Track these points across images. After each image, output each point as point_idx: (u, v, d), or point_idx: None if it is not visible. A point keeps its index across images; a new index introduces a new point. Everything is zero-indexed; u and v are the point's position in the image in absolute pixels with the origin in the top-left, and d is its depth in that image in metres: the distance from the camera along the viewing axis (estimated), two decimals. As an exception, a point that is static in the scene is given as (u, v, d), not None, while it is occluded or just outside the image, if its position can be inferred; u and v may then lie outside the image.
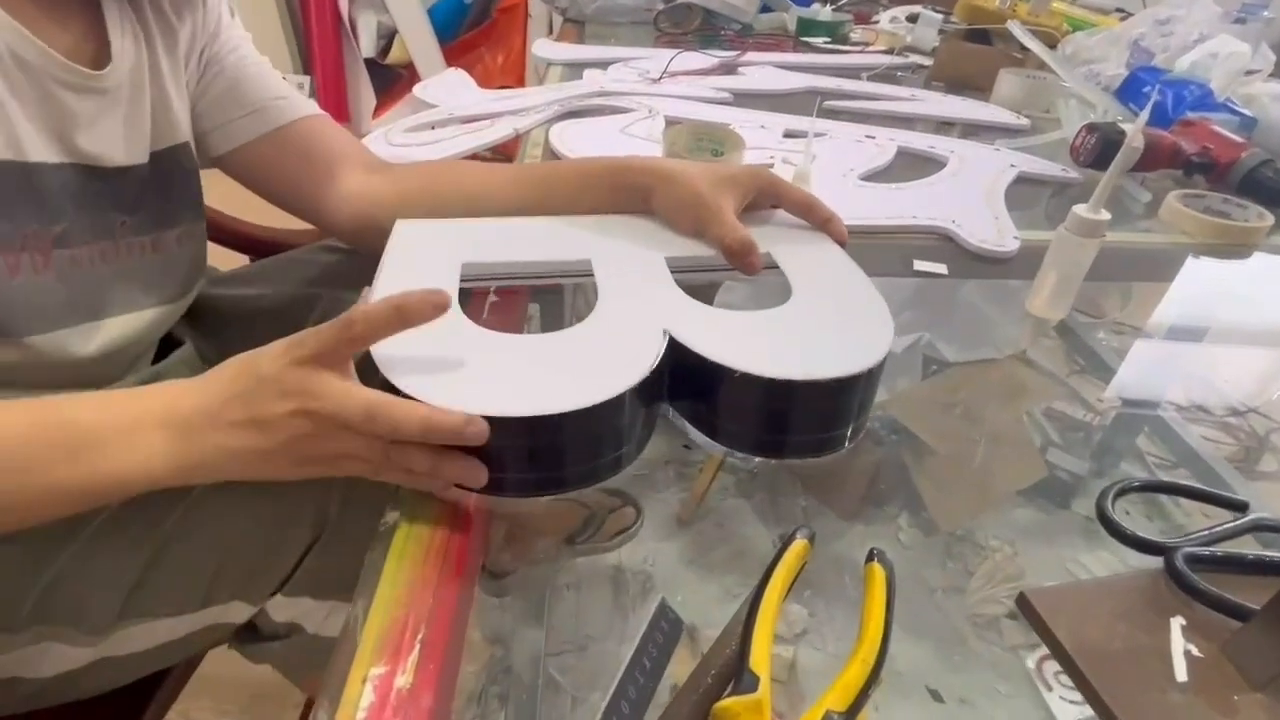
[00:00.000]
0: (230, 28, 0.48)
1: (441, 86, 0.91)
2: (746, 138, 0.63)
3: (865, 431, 0.42)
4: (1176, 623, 0.29)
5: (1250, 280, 0.65)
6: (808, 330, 0.34)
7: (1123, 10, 1.23)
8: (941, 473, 0.58)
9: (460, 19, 2.05)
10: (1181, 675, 0.27)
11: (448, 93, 0.88)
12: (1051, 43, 1.01)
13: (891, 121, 0.87)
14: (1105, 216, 0.48)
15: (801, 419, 0.32)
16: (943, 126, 0.89)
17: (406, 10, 1.98)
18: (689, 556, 0.53)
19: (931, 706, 0.43)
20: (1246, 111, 0.81)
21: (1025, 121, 0.90)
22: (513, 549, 0.50)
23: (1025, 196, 0.71)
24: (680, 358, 0.31)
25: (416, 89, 0.89)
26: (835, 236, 0.42)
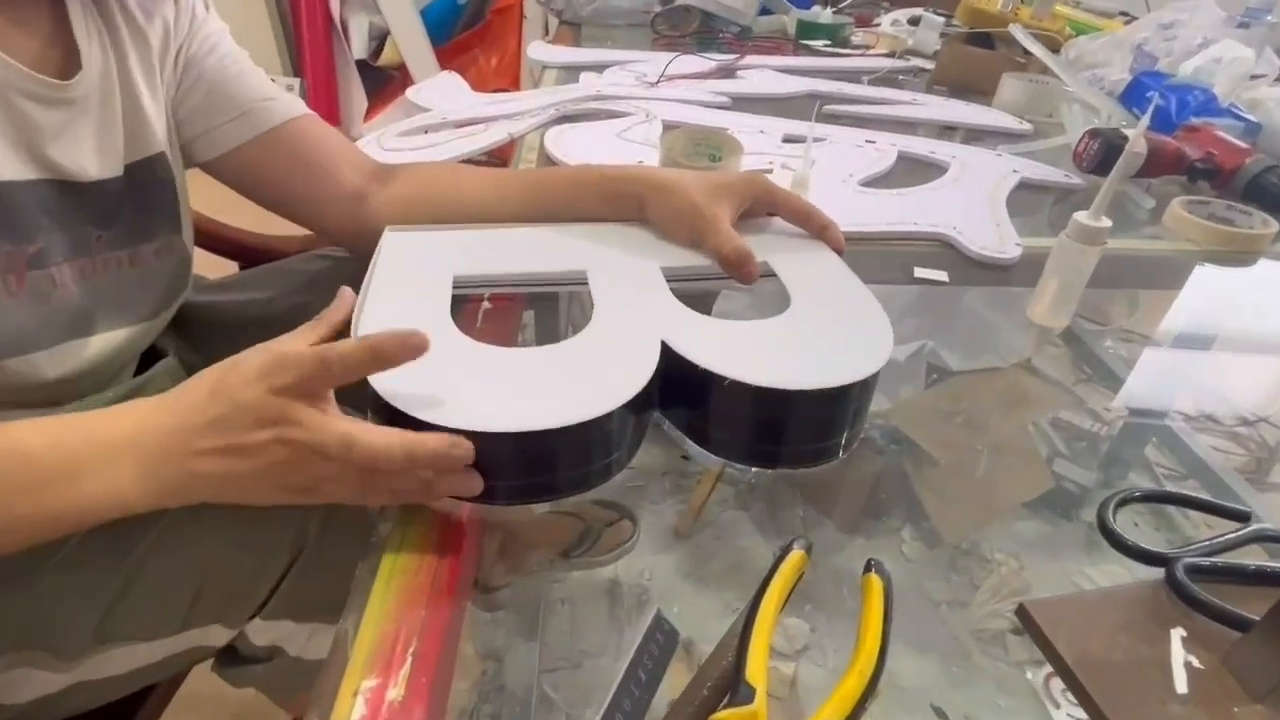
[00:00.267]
0: (206, 23, 0.47)
1: (434, 89, 0.92)
2: (745, 142, 0.64)
3: (862, 440, 0.42)
4: (1177, 634, 0.29)
5: (1257, 287, 0.66)
6: (805, 339, 0.34)
7: (1126, 14, 1.26)
8: (945, 484, 0.58)
9: (454, 20, 2.07)
10: (1182, 687, 0.28)
11: (441, 96, 0.89)
12: (1054, 47, 1.03)
13: (892, 126, 0.88)
14: (1106, 224, 0.49)
15: (795, 428, 0.32)
16: (944, 131, 0.90)
17: (399, 11, 2.00)
18: (686, 569, 0.54)
19: (935, 723, 0.43)
20: (1251, 117, 0.83)
21: (1028, 126, 0.91)
22: (506, 562, 0.50)
23: (1028, 203, 0.73)
24: (675, 366, 0.32)
25: (409, 92, 0.90)
26: (832, 244, 0.42)
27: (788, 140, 0.80)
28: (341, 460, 0.28)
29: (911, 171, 0.77)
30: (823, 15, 1.28)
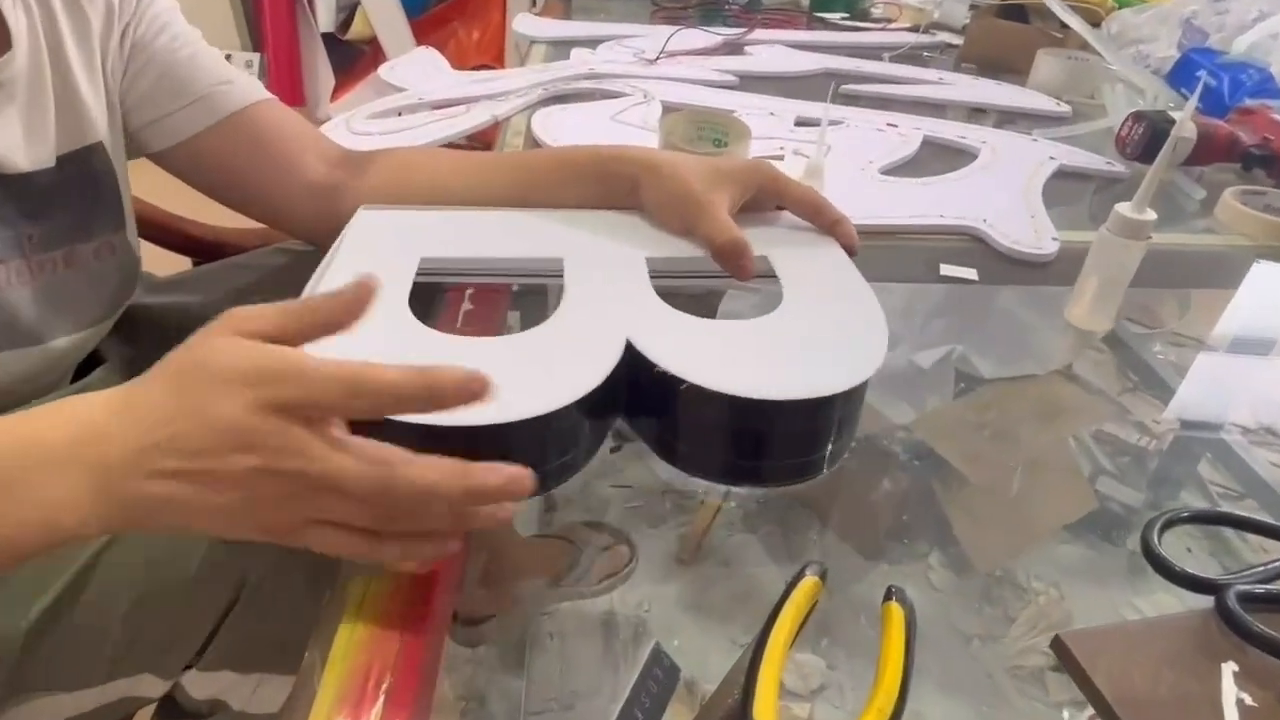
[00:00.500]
0: (154, 2, 0.47)
1: (410, 67, 0.93)
2: (753, 126, 0.65)
3: (884, 456, 0.42)
4: (1228, 668, 0.30)
5: (1319, 286, 0.67)
6: (787, 343, 0.34)
7: (1175, -16, 1.27)
8: (976, 505, 0.59)
9: (431, -10, 2.08)
10: (1235, 727, 0.28)
11: (417, 74, 0.90)
12: (1095, 20, 1.04)
13: (916, 108, 0.89)
14: (1151, 216, 0.50)
15: (763, 441, 0.32)
16: (974, 114, 0.91)
17: (370, -20, 2.01)
18: (688, 599, 0.54)
19: (965, 770, 0.43)
20: (1312, 98, 0.84)
21: (1066, 108, 0.92)
22: (489, 591, 0.50)
23: (1066, 192, 0.73)
24: (637, 367, 0.32)
25: (382, 70, 0.91)
26: (843, 241, 0.42)
27: (801, 123, 0.81)
28: (362, 500, 0.25)
29: (937, 158, 0.77)
30: (840, -15, 1.29)
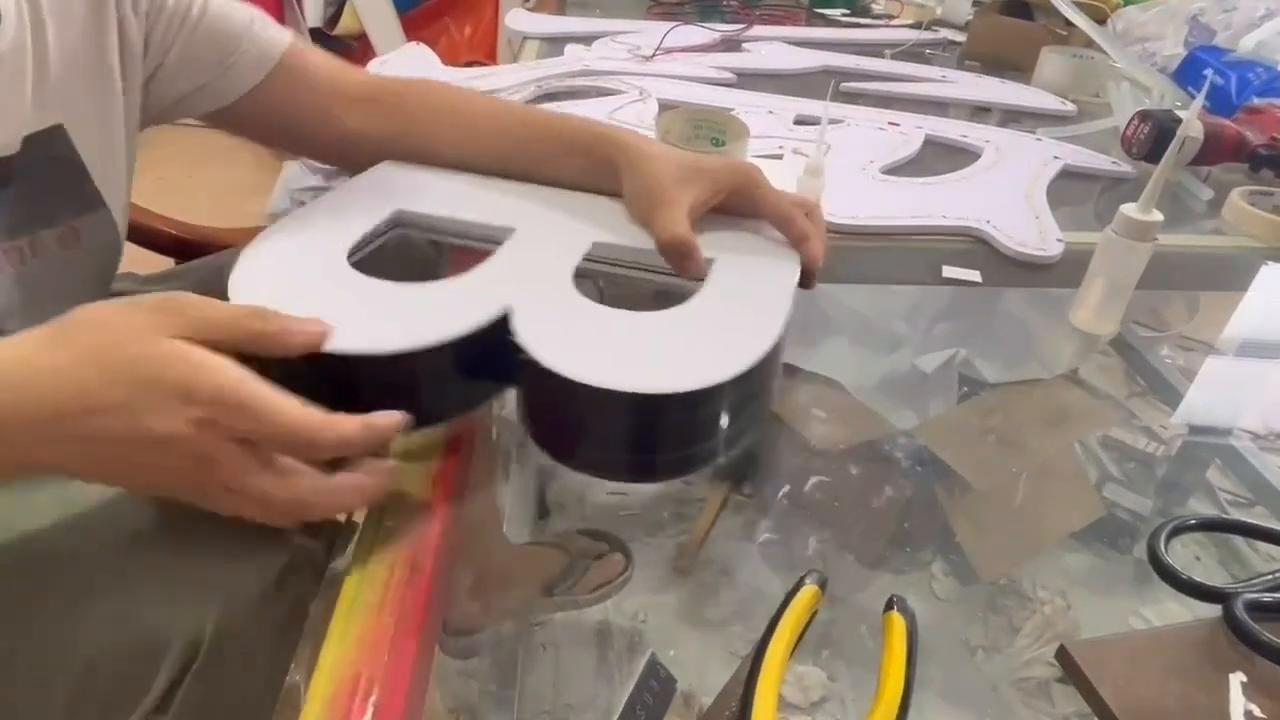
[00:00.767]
0: None
1: (400, 63, 0.93)
2: (752, 124, 0.65)
3: (885, 462, 0.42)
4: (1236, 679, 0.30)
5: (1329, 289, 0.67)
6: (664, 337, 0.35)
7: (1181, -19, 1.28)
8: (981, 512, 0.59)
9: (422, -16, 2.08)
10: (1244, 739, 0.28)
11: (407, 70, 0.90)
12: (1100, 17, 1.05)
13: (918, 106, 0.90)
14: (1157, 217, 0.51)
15: (603, 433, 0.34)
16: (977, 112, 0.92)
17: (359, -26, 2.01)
18: (686, 610, 0.54)
19: (970, 785, 0.43)
20: (1321, 97, 0.85)
21: (1071, 107, 0.93)
22: (480, 601, 0.50)
23: (1071, 193, 0.74)
24: (503, 337, 0.34)
25: (371, 66, 0.91)
26: (806, 259, 0.41)
27: (800, 122, 0.81)
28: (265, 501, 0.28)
29: (940, 158, 0.78)
30: (840, -19, 1.30)
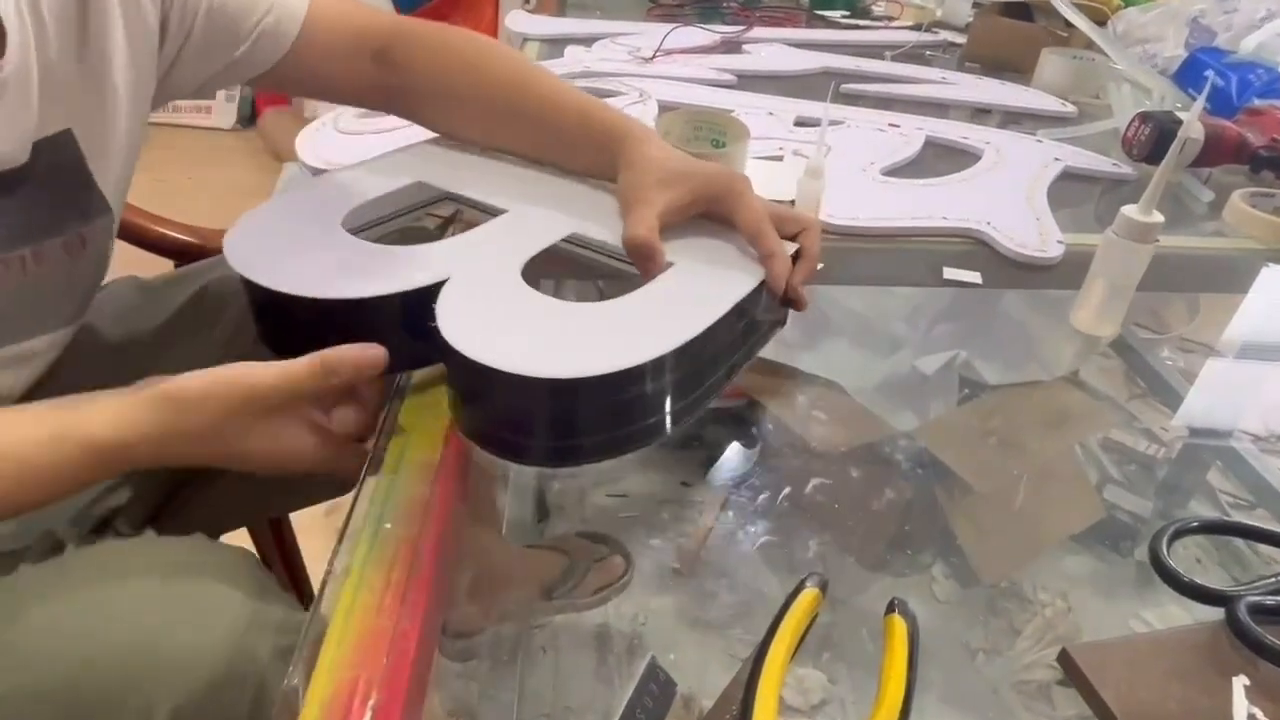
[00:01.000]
0: None
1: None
2: (752, 126, 0.65)
3: (886, 464, 0.42)
4: (1239, 682, 0.30)
5: (1331, 291, 0.67)
6: (582, 326, 0.36)
7: (1182, -17, 1.28)
8: (981, 514, 0.59)
9: (422, -15, 2.09)
10: (1246, 742, 0.28)
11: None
12: (1101, 19, 1.05)
13: (919, 108, 0.90)
14: (1158, 219, 0.51)
15: (493, 407, 0.35)
16: (977, 114, 0.92)
17: (359, -25, 2.02)
18: (687, 613, 0.54)
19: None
20: (1322, 99, 0.85)
21: (1072, 109, 0.93)
22: (480, 603, 0.50)
23: (1072, 194, 0.74)
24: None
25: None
26: (771, 278, 0.42)
27: (800, 123, 0.81)
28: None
29: (940, 159, 0.78)
30: (840, -18, 1.30)
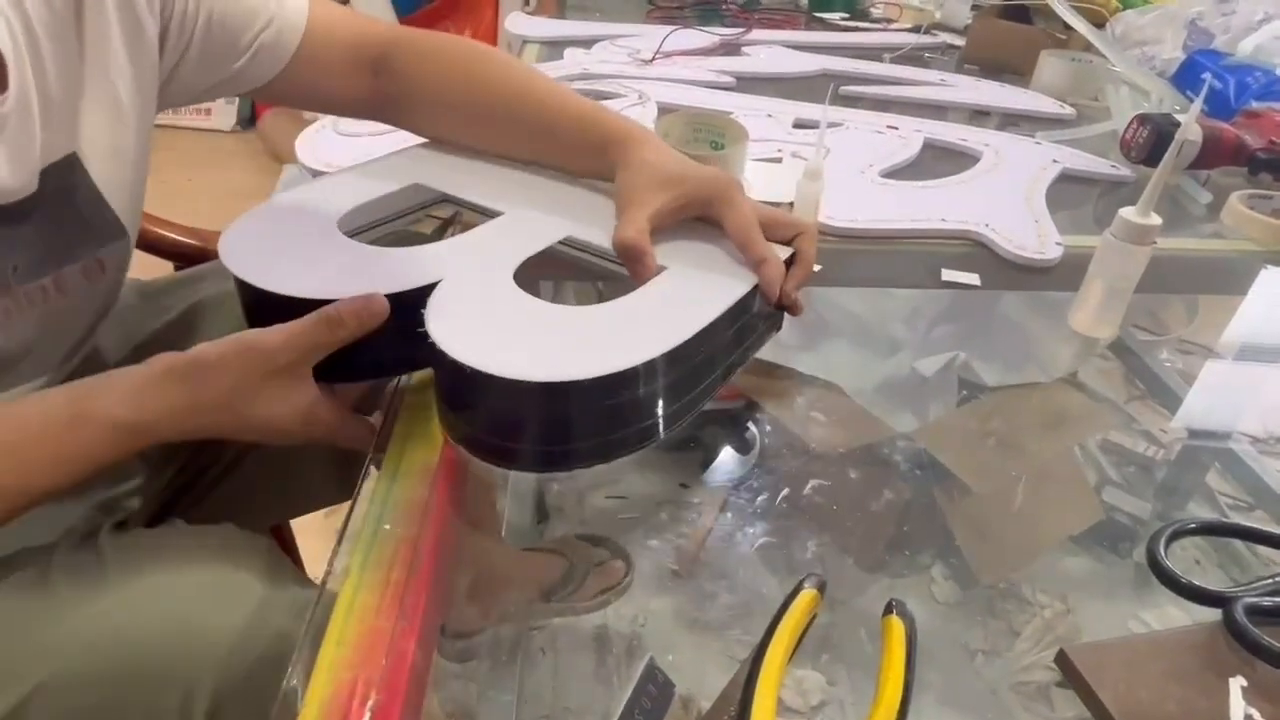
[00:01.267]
0: None
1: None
2: (751, 128, 0.65)
3: (885, 466, 0.42)
4: (1236, 683, 0.30)
5: (1329, 292, 0.68)
6: (568, 330, 0.36)
7: (1180, -15, 1.28)
8: (980, 515, 0.59)
9: (421, -12, 2.09)
10: (1243, 743, 0.28)
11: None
12: (1099, 21, 1.05)
13: (917, 110, 0.90)
14: (1156, 221, 0.51)
15: (475, 409, 0.35)
16: (976, 116, 0.92)
17: (358, -23, 2.02)
18: (685, 614, 0.54)
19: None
20: (1319, 101, 0.85)
21: (1070, 111, 0.93)
22: (478, 605, 0.50)
23: (1070, 196, 0.74)
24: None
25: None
26: (763, 284, 0.42)
27: (799, 125, 0.82)
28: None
29: (939, 161, 0.78)
30: (839, -15, 1.30)
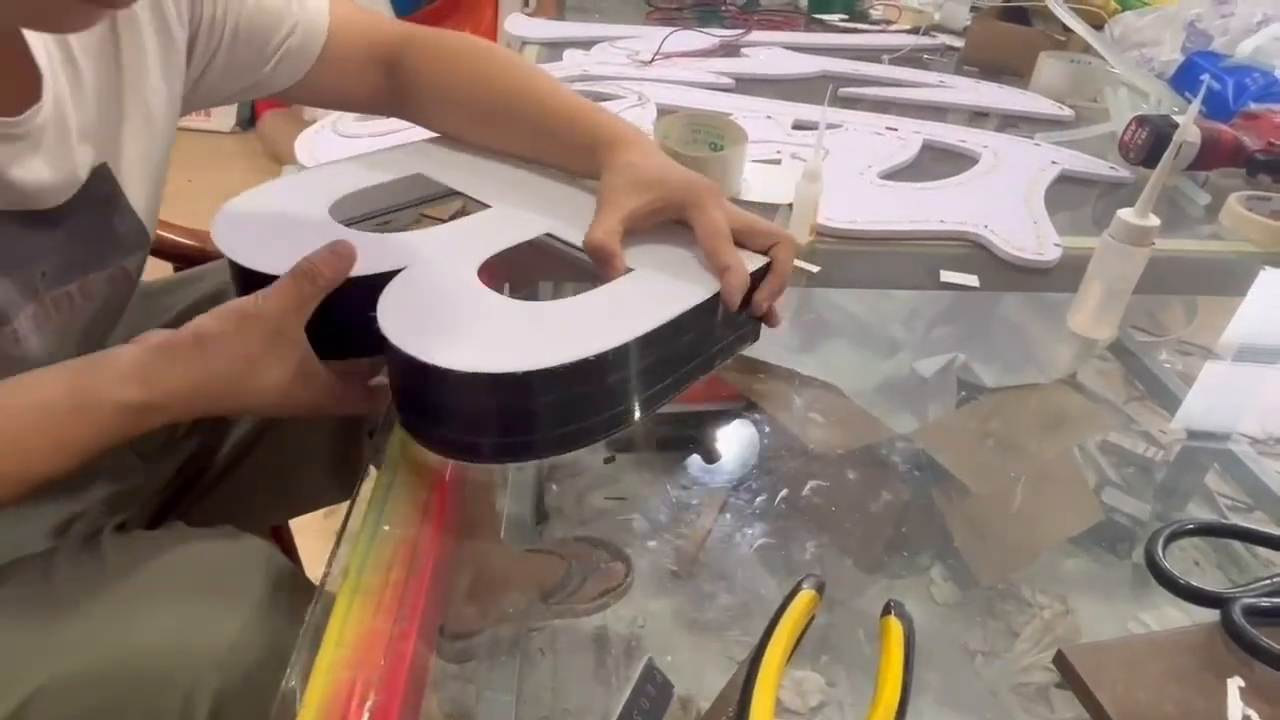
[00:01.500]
0: None
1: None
2: (750, 129, 0.65)
3: (884, 466, 0.42)
4: (1234, 684, 0.30)
5: (1327, 293, 0.68)
6: (519, 325, 0.37)
7: (1178, -14, 1.29)
8: (979, 516, 0.59)
9: (421, -11, 2.10)
10: (1241, 743, 0.28)
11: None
12: (1098, 23, 1.06)
13: (916, 111, 0.90)
14: (1154, 222, 0.51)
15: (422, 401, 0.36)
16: (975, 117, 0.93)
17: (358, -21, 2.02)
18: (684, 615, 0.54)
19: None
20: (1318, 102, 0.85)
21: (1069, 112, 0.93)
22: (477, 606, 0.50)
23: (1069, 198, 0.74)
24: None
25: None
26: (724, 291, 0.42)
27: (798, 127, 0.82)
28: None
29: (938, 162, 0.78)
30: (838, -14, 1.31)
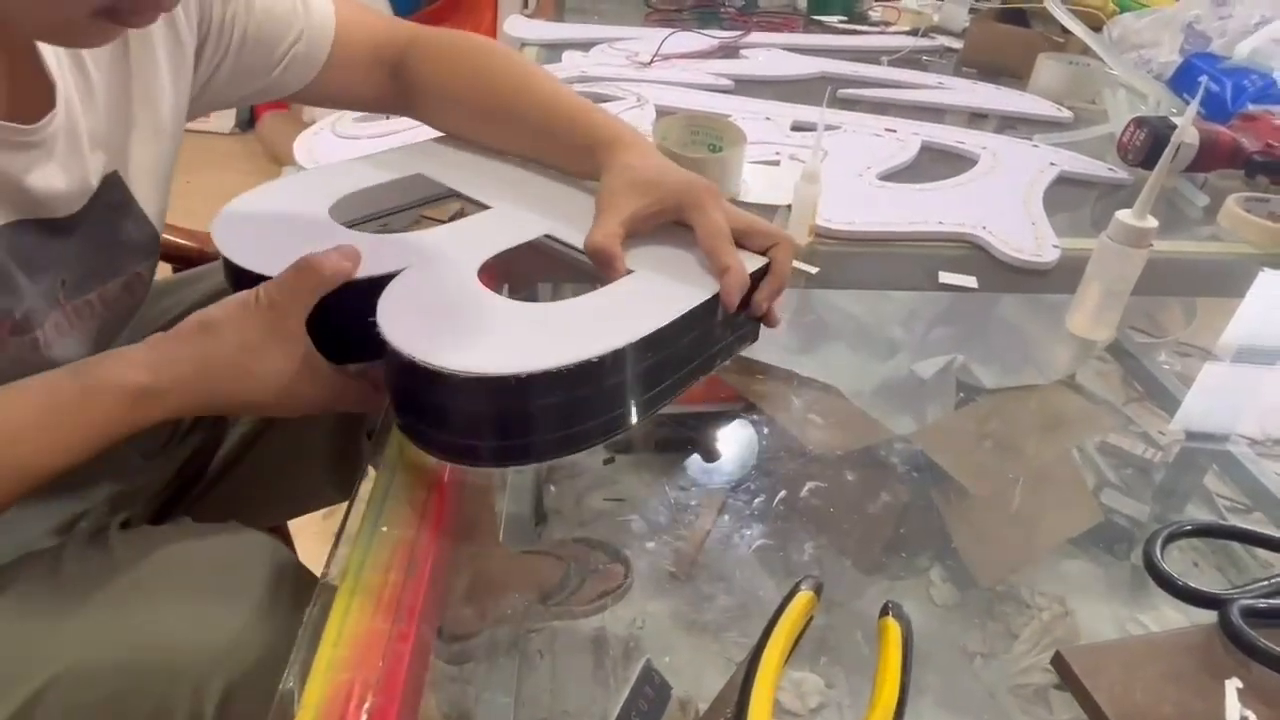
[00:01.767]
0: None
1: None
2: (749, 130, 0.65)
3: (882, 468, 0.42)
4: (1232, 685, 0.30)
5: (1326, 295, 0.68)
6: (517, 328, 0.37)
7: (1176, -12, 1.29)
8: (978, 518, 0.59)
9: (420, -10, 2.10)
10: (1239, 744, 0.28)
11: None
12: (1096, 24, 1.06)
13: (915, 113, 0.91)
14: (1152, 223, 0.51)
15: (420, 403, 0.36)
16: (974, 119, 0.93)
17: (357, -20, 2.02)
18: (683, 616, 0.54)
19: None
20: (1315, 104, 0.85)
21: (1067, 114, 0.94)
22: (475, 607, 0.50)
23: (1067, 199, 0.74)
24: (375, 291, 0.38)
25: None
26: (723, 292, 0.42)
27: (797, 128, 0.82)
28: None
29: (936, 164, 0.78)
30: (837, -12, 1.31)
